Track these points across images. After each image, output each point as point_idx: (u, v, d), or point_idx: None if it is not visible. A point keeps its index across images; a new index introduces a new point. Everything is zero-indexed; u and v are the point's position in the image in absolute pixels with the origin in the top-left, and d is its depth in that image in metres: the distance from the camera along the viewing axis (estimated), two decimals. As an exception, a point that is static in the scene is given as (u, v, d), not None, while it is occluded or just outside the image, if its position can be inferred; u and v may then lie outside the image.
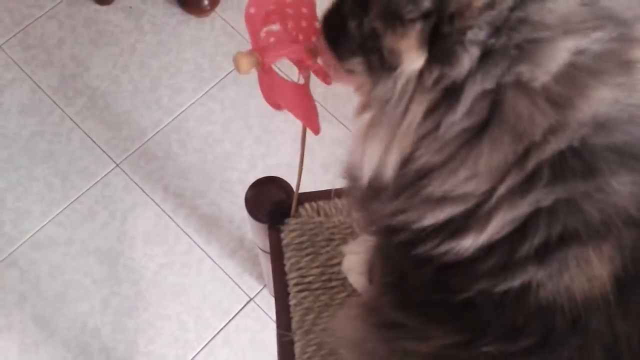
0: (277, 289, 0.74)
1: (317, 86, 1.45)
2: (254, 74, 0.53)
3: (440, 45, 0.36)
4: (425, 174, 0.39)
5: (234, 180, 1.25)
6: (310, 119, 0.54)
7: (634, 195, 0.36)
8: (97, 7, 1.37)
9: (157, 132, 1.28)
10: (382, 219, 0.44)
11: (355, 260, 0.70)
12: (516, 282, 0.38)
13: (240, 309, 1.17)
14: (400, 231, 0.42)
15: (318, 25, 0.52)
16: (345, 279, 0.73)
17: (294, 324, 0.72)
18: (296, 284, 0.73)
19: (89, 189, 1.23)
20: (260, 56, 0.50)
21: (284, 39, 0.52)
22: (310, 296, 0.72)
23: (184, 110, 1.30)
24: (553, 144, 0.36)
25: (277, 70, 0.54)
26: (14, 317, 1.13)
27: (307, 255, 0.74)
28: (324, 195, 0.77)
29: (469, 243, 0.38)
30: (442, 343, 0.43)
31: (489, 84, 0.36)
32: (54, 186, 1.23)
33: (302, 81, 0.54)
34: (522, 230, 0.37)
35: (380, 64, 0.39)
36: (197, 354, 1.13)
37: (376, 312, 0.52)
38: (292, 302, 0.73)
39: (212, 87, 1.32)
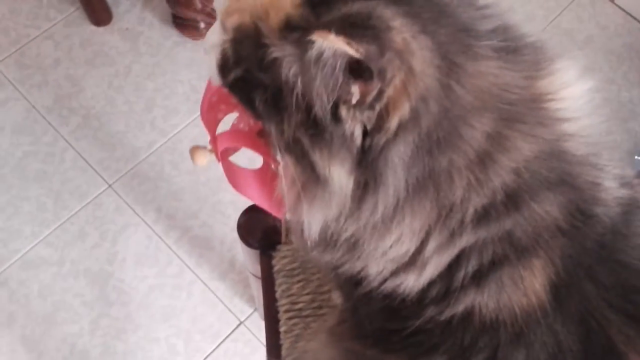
0: (268, 315, 0.74)
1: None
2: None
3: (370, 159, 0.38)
4: (356, 242, 0.42)
5: (226, 201, 1.26)
6: (268, 204, 0.53)
7: (561, 207, 0.39)
8: (94, 28, 1.38)
9: (150, 153, 1.28)
10: (327, 263, 0.46)
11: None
12: (459, 307, 0.40)
13: (231, 332, 1.16)
14: (344, 272, 0.45)
15: None
16: (335, 306, 0.73)
17: (284, 351, 0.72)
18: (287, 311, 0.73)
19: (80, 209, 1.23)
20: (214, 148, 0.50)
21: (238, 132, 0.52)
22: (301, 323, 0.72)
23: (178, 132, 1.31)
24: (474, 201, 0.38)
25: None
26: (2, 338, 1.12)
27: (298, 281, 0.74)
28: (316, 221, 0.77)
29: (411, 283, 0.41)
30: None
31: (408, 175, 0.38)
32: (46, 206, 1.23)
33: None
34: (455, 264, 0.40)
35: (311, 170, 0.40)
36: (186, 377, 1.13)
37: (340, 339, 0.53)
38: (282, 329, 0.73)
39: (206, 109, 1.33)
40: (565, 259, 0.39)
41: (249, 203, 0.95)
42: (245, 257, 0.83)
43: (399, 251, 0.40)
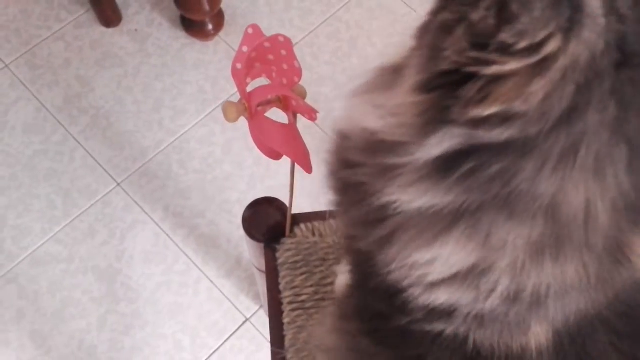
0: (272, 307, 0.75)
1: (318, 109, 1.47)
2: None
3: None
4: (399, 226, 0.38)
5: (233, 200, 1.27)
6: (301, 159, 0.56)
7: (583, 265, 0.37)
8: (104, 29, 1.40)
9: (158, 153, 1.30)
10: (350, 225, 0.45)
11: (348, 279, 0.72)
12: (450, 328, 0.39)
13: (236, 329, 1.17)
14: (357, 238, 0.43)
15: (298, 65, 0.55)
16: (337, 298, 0.74)
17: (287, 342, 0.73)
18: (290, 302, 0.74)
19: (89, 207, 1.25)
20: (247, 102, 0.52)
21: (270, 85, 0.55)
22: (304, 315, 0.73)
23: (185, 132, 1.32)
24: (507, 280, 0.36)
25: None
26: (12, 333, 1.14)
27: (302, 274, 0.75)
28: (319, 216, 0.78)
29: (415, 293, 0.39)
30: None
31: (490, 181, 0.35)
32: (56, 204, 1.25)
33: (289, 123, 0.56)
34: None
35: None
36: (192, 373, 1.14)
37: (343, 319, 0.53)
38: (285, 320, 0.74)
39: (214, 109, 1.34)
40: (577, 311, 0.38)
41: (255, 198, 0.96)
42: (250, 251, 0.84)
43: (424, 272, 0.38)
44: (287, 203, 0.80)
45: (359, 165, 0.40)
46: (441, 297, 0.38)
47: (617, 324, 0.38)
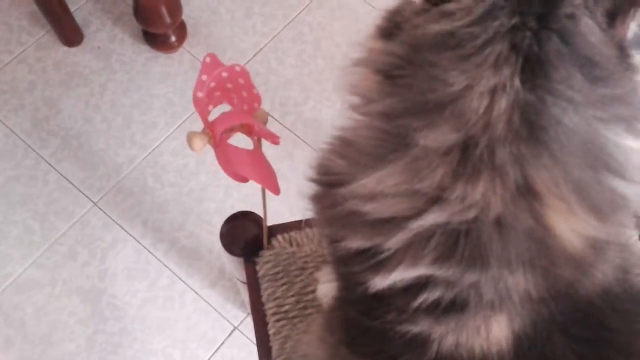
0: (256, 319, 0.77)
1: (287, 113, 1.48)
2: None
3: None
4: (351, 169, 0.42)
5: (211, 210, 1.28)
6: (268, 182, 0.57)
7: (530, 282, 0.39)
8: (66, 48, 1.39)
9: (132, 169, 1.30)
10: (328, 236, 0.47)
11: (330, 286, 0.73)
12: (416, 328, 0.41)
13: (226, 338, 1.19)
14: (334, 244, 0.45)
15: (256, 92, 0.57)
16: (320, 305, 0.75)
17: (274, 352, 0.74)
18: (274, 314, 0.76)
19: (68, 229, 1.25)
20: (211, 131, 0.54)
21: (231, 112, 0.56)
22: (288, 324, 0.75)
23: (157, 145, 1.33)
24: (457, 212, 0.37)
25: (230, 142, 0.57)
26: (0, 362, 1.14)
27: (283, 285, 0.77)
28: (295, 226, 0.80)
29: (378, 281, 0.42)
30: None
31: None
32: (33, 229, 1.24)
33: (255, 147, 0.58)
34: (417, 286, 0.40)
35: None
36: (184, 385, 1.15)
37: (328, 331, 0.54)
38: (271, 331, 0.75)
39: (184, 120, 1.35)
40: (534, 317, 0.40)
41: (234, 211, 0.97)
42: (231, 265, 0.85)
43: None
44: (262, 214, 0.82)
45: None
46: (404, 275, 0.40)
47: (573, 329, 0.40)
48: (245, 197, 1.28)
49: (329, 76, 1.38)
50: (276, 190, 0.58)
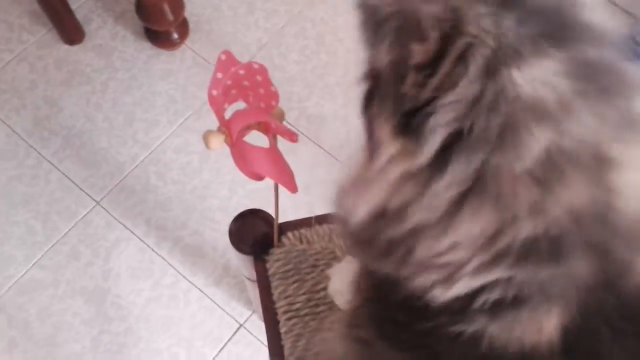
0: (267, 318, 0.76)
1: (290, 109, 1.47)
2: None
3: (412, 129, 0.37)
4: (416, 234, 0.40)
5: (215, 208, 1.27)
6: (285, 179, 0.57)
7: (592, 272, 0.39)
8: (67, 47, 1.38)
9: (135, 167, 1.29)
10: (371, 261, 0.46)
11: (342, 283, 0.72)
12: (471, 327, 0.41)
13: (231, 336, 1.18)
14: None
15: (274, 89, 0.56)
16: (332, 302, 0.75)
17: (286, 351, 0.74)
18: (285, 312, 0.75)
19: (70, 229, 1.24)
20: (227, 130, 0.53)
21: (247, 110, 0.56)
22: (300, 322, 0.74)
23: (160, 143, 1.32)
24: (529, 225, 0.37)
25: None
26: (5, 363, 1.13)
27: (294, 282, 0.76)
28: (305, 223, 0.79)
29: (437, 294, 0.41)
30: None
31: (470, 164, 0.37)
32: (36, 229, 1.23)
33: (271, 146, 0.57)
34: (480, 290, 0.40)
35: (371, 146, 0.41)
36: (191, 385, 1.14)
37: (354, 327, 0.53)
38: (282, 330, 0.75)
39: (186, 118, 1.34)
40: (583, 308, 0.39)
41: (239, 208, 0.96)
42: (240, 263, 0.84)
43: (450, 259, 0.39)
44: (270, 205, 0.81)
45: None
46: (461, 288, 0.40)
47: (620, 323, 0.40)
48: (250, 193, 1.27)
49: (332, 71, 1.37)
50: (294, 188, 0.57)
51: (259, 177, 0.58)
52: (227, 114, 0.56)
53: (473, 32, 0.35)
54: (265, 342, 1.17)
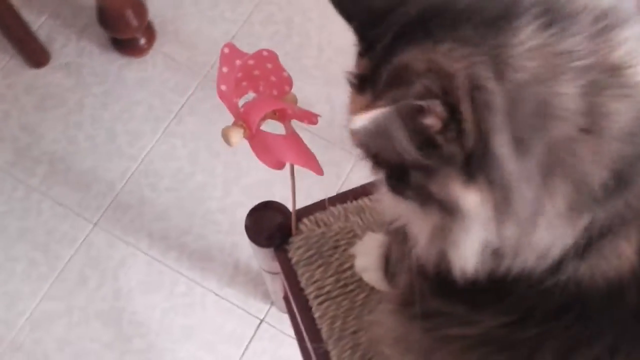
0: (299, 306, 0.75)
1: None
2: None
3: (478, 172, 0.38)
4: (517, 247, 0.41)
5: (214, 209, 1.25)
6: (310, 163, 0.56)
7: None
8: (34, 70, 1.34)
9: (126, 182, 1.27)
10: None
11: (368, 259, 0.72)
12: (563, 277, 0.41)
13: (254, 333, 1.17)
14: None
15: (287, 74, 0.55)
16: (360, 279, 0.74)
17: (324, 335, 0.73)
18: (316, 297, 0.74)
19: (73, 255, 1.21)
20: (245, 123, 0.52)
21: (261, 99, 0.54)
22: (333, 305, 0.73)
23: (147, 154, 1.29)
24: (599, 173, 0.38)
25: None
26: (32, 401, 1.11)
27: (319, 267, 0.75)
28: (319, 206, 0.78)
29: (530, 264, 0.42)
30: (490, 325, 0.45)
31: (533, 156, 0.38)
32: (38, 262, 1.20)
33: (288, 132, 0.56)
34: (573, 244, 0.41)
35: (440, 209, 0.41)
36: (224, 388, 1.13)
37: (413, 303, 0.53)
38: (316, 315, 0.74)
39: (169, 123, 1.31)
40: None
41: (237, 206, 0.94)
42: (259, 257, 0.83)
43: (547, 241, 0.40)
44: (271, 197, 0.80)
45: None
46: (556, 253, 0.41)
47: None
48: (246, 188, 1.26)
49: (307, 53, 1.35)
50: (320, 170, 0.56)
51: (280, 166, 0.56)
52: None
53: (465, 78, 0.36)
54: (289, 334, 1.16)
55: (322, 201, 0.78)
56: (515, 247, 0.41)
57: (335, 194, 0.80)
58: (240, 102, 0.55)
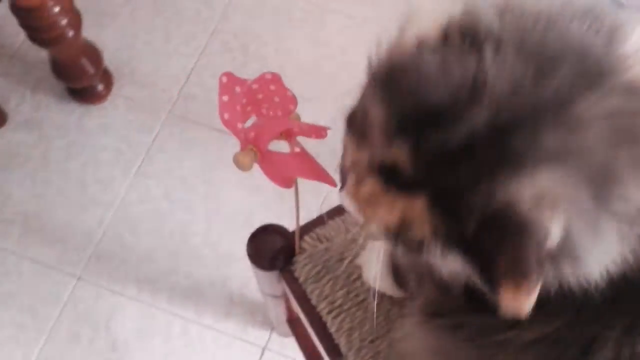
0: (312, 323, 0.75)
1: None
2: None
3: None
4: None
5: (198, 244, 1.24)
6: (321, 176, 0.56)
7: None
8: (-8, 132, 1.30)
9: (104, 230, 1.24)
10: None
11: (375, 268, 0.72)
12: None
13: (259, 362, 1.16)
14: None
15: (291, 93, 0.55)
16: (370, 288, 0.75)
17: (342, 348, 0.73)
18: (329, 312, 0.74)
19: (60, 313, 1.17)
20: (255, 147, 0.52)
21: (268, 122, 0.55)
22: (347, 317, 0.74)
23: (121, 199, 1.27)
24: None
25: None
26: None
27: (328, 281, 0.75)
28: (318, 222, 0.78)
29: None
30: (546, 329, 0.44)
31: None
32: (25, 325, 1.16)
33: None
34: None
35: None
36: (238, 422, 1.11)
37: (441, 314, 0.51)
38: (332, 330, 0.74)
39: (140, 164, 1.29)
40: None
41: (221, 238, 0.93)
42: (263, 282, 0.83)
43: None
44: (256, 223, 0.79)
45: None
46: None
47: None
48: (228, 217, 1.25)
49: (268, 76, 1.36)
50: (332, 182, 0.56)
51: (290, 184, 0.57)
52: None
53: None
54: (292, 357, 1.15)
55: (321, 216, 0.78)
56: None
57: (318, 212, 0.79)
58: (243, 126, 0.55)
